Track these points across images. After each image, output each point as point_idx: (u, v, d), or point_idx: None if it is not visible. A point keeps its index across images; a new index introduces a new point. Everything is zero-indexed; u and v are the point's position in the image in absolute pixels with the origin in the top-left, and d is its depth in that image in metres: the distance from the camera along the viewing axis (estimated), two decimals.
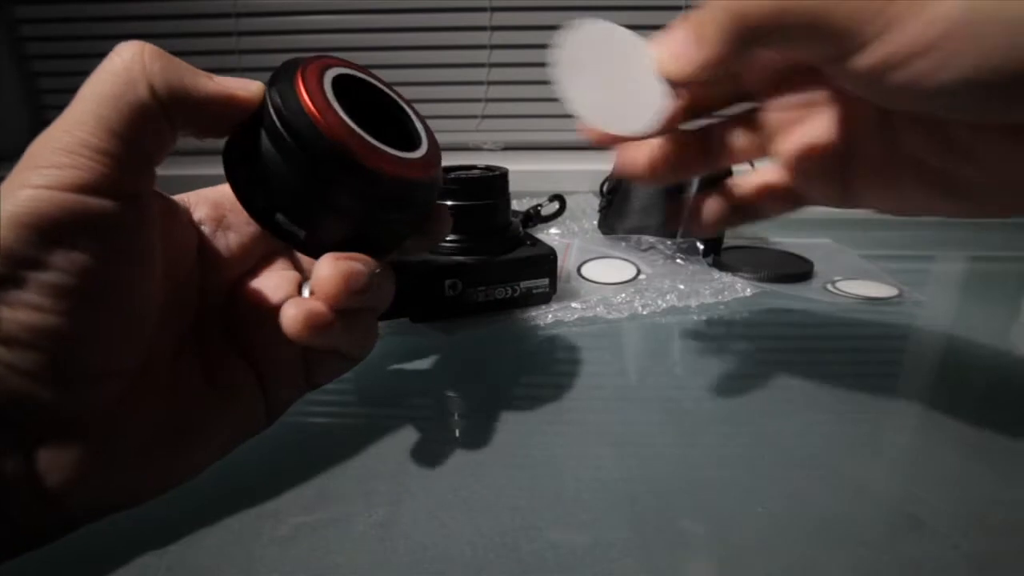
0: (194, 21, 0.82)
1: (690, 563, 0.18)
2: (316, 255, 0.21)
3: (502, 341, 0.34)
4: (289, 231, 0.19)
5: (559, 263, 0.38)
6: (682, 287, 0.40)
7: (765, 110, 0.24)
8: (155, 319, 0.18)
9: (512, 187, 0.37)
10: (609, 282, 0.42)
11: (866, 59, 0.17)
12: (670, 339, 0.34)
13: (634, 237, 0.48)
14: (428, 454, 0.23)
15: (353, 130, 0.18)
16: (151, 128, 0.17)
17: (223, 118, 0.18)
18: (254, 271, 0.23)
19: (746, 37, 0.18)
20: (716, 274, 0.42)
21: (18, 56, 0.84)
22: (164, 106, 0.17)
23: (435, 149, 0.22)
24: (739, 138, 0.24)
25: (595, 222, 0.53)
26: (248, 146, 0.19)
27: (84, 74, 0.17)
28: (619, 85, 0.19)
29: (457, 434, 0.25)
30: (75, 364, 0.16)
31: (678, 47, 0.19)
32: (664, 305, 0.38)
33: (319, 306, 0.19)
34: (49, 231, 0.15)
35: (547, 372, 0.31)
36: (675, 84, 0.20)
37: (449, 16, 0.80)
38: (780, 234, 0.54)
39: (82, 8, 0.81)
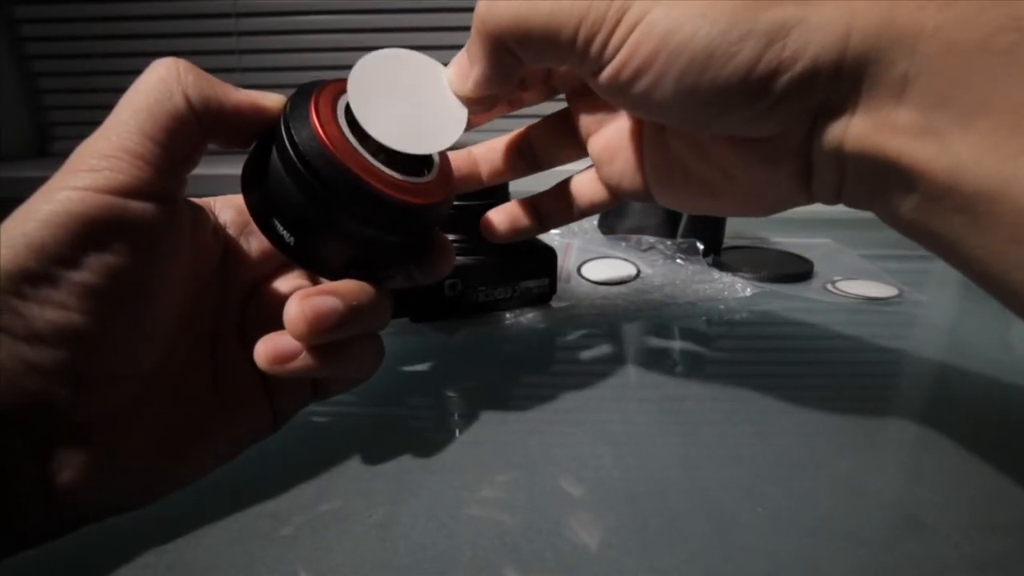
0: (194, 21, 0.82)
1: (690, 563, 0.18)
2: (306, 266, 0.21)
3: (502, 341, 0.34)
4: (280, 236, 0.19)
5: (559, 263, 0.38)
6: (682, 287, 0.40)
7: (576, 112, 0.25)
8: (173, 324, 0.19)
9: (512, 187, 0.37)
10: (609, 282, 0.42)
11: (605, 75, 0.18)
12: (670, 339, 0.34)
13: (634, 237, 0.48)
14: (428, 454, 0.23)
15: (355, 149, 0.18)
16: (186, 136, 0.17)
17: (249, 126, 0.19)
18: (271, 277, 0.23)
19: (499, 48, 0.19)
20: (716, 274, 0.42)
21: (18, 56, 0.84)
22: (197, 114, 0.17)
23: (446, 174, 0.21)
24: (558, 140, 0.26)
25: (595, 222, 0.53)
26: (260, 151, 0.19)
27: (85, 75, 0.17)
28: (418, 108, 0.20)
29: (457, 434, 0.25)
30: (93, 365, 0.16)
31: (460, 66, 0.21)
32: (664, 305, 0.38)
33: (287, 342, 0.19)
34: (84, 231, 0.15)
35: (547, 372, 0.31)
36: (467, 102, 0.21)
37: (449, 16, 0.80)
38: (780, 234, 0.54)
39: (82, 8, 0.81)
